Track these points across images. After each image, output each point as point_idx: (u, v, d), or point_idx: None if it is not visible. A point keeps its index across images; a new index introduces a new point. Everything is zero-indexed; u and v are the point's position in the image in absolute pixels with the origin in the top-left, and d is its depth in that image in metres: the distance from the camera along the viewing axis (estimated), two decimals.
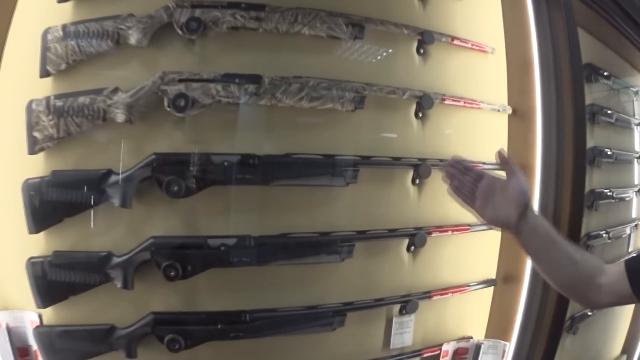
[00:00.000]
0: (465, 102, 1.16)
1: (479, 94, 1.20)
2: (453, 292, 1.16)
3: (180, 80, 0.91)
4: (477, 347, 1.19)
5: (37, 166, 0.91)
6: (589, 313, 1.58)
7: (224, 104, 0.94)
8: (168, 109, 0.91)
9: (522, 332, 1.24)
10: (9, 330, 0.91)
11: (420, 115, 1.12)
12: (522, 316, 1.24)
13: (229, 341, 0.94)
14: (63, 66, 0.90)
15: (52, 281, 0.88)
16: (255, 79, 0.95)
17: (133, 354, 0.90)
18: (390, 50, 1.10)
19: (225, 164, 0.92)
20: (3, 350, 0.91)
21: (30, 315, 0.91)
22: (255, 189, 0.96)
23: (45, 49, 0.89)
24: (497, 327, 1.27)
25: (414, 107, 1.11)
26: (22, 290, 0.89)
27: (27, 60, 0.91)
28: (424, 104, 1.11)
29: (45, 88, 0.91)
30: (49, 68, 0.90)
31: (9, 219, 0.91)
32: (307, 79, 0.99)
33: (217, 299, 0.95)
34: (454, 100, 1.15)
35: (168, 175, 0.90)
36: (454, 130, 1.19)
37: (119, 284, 0.89)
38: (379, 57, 1.10)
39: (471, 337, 1.23)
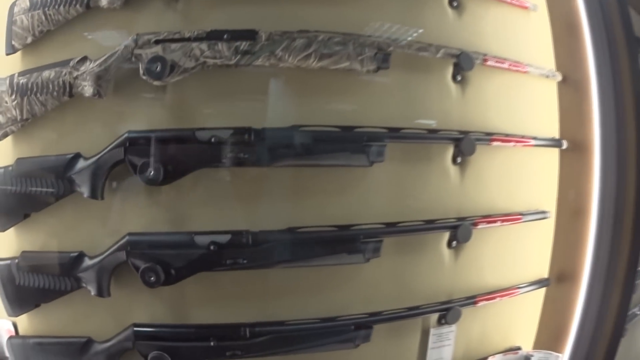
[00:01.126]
0: (510, 65, 0.97)
1: (524, 56, 1.01)
2: (501, 296, 0.97)
3: (157, 42, 0.76)
4: None
5: (6, 154, 0.82)
6: (638, 312, 1.41)
7: (211, 67, 0.78)
8: (144, 76, 0.76)
9: (577, 341, 1.07)
10: None
11: (459, 78, 0.91)
12: (578, 322, 1.07)
13: None
14: (29, 39, 0.80)
15: (20, 286, 0.78)
16: (249, 35, 0.77)
17: None
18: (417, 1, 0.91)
19: (213, 140, 0.75)
20: None
21: (5, 324, 0.83)
22: (253, 172, 0.79)
23: (10, 22, 0.80)
24: (549, 336, 1.09)
25: (450, 68, 0.91)
26: None
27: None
28: (463, 64, 0.90)
29: (15, 66, 0.81)
30: (14, 43, 0.80)
31: None
32: (316, 33, 0.80)
33: (211, 310, 0.80)
34: (497, 62, 0.95)
35: (143, 158, 0.75)
36: (499, 97, 0.98)
37: (92, 291, 0.77)
38: (404, 9, 0.90)
39: (519, 348, 1.05)
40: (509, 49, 0.99)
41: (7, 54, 0.81)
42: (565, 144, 1.06)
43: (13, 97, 0.79)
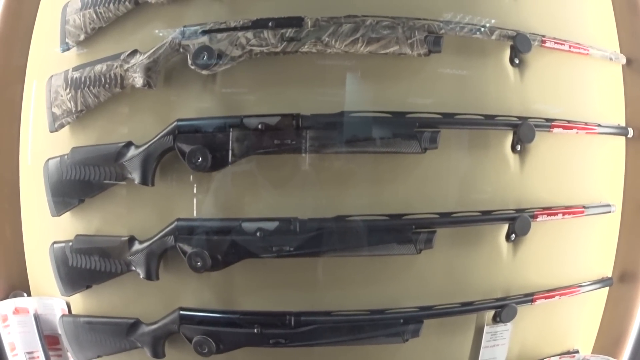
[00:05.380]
0: (570, 46, 0.90)
1: (585, 38, 0.94)
2: (561, 295, 0.90)
3: (204, 32, 0.77)
4: None
5: (62, 144, 0.85)
6: None
7: (259, 55, 0.77)
8: (192, 66, 0.77)
9: (636, 348, 1.01)
10: (38, 318, 0.89)
11: (517, 61, 0.86)
12: (639, 326, 1.01)
13: (272, 349, 0.77)
14: (82, 36, 0.84)
15: (73, 267, 0.81)
16: (295, 22, 0.77)
17: (159, 354, 0.79)
18: None
19: (261, 127, 0.75)
20: (31, 338, 0.89)
21: (60, 303, 0.87)
22: (300, 159, 0.78)
23: (64, 22, 0.85)
24: (609, 339, 1.02)
25: (507, 51, 0.86)
26: (52, 277, 0.84)
27: (54, 35, 0.87)
28: (520, 46, 0.85)
29: (70, 63, 0.85)
30: (68, 41, 0.85)
31: (41, 201, 0.86)
32: (364, 17, 0.78)
33: (258, 297, 0.79)
34: (556, 43, 0.88)
35: (191, 145, 0.75)
36: (561, 82, 0.92)
37: (141, 274, 0.78)
38: None
39: (577, 351, 0.98)
40: (568, 30, 0.92)
41: (62, 52, 0.85)
42: (631, 132, 0.98)
43: (68, 90, 0.82)
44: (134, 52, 0.80)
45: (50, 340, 0.90)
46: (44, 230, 0.88)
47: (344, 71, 0.80)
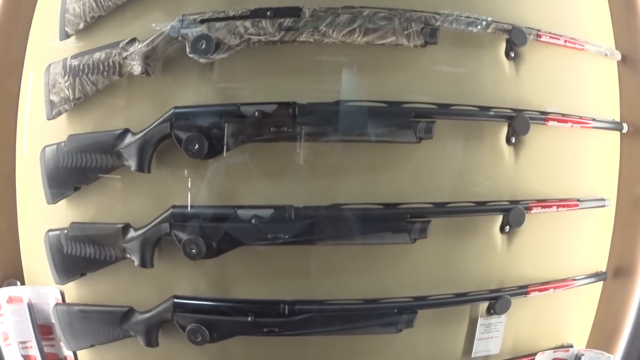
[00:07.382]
0: (566, 41, 0.91)
1: (580, 33, 0.94)
2: (555, 288, 0.91)
3: (202, 21, 0.78)
4: (577, 359, 0.96)
5: (60, 131, 0.85)
6: None
7: (256, 44, 0.78)
8: (190, 54, 0.78)
9: (630, 343, 1.00)
10: (32, 307, 0.88)
11: (512, 55, 0.87)
12: (633, 321, 1.00)
13: (265, 338, 0.77)
14: (81, 25, 0.84)
15: (68, 255, 0.81)
16: (293, 12, 0.77)
17: (153, 342, 0.79)
18: None
19: (257, 114, 0.75)
20: (23, 327, 0.88)
21: (54, 292, 0.87)
22: (296, 148, 0.78)
23: (64, 11, 0.85)
24: (603, 334, 1.02)
25: (503, 45, 0.87)
26: (47, 265, 0.84)
27: (53, 27, 0.87)
28: (515, 39, 0.85)
29: (69, 54, 0.85)
30: (67, 30, 0.85)
31: (37, 190, 0.86)
32: (361, 8, 0.78)
33: (252, 286, 0.79)
34: (551, 38, 0.89)
35: (188, 132, 0.76)
36: (556, 76, 0.92)
37: (136, 261, 0.78)
38: None
39: (571, 346, 0.98)
40: (564, 25, 0.93)
41: (61, 40, 0.85)
42: (626, 128, 0.98)
43: (66, 78, 0.82)
44: (133, 40, 0.80)
45: (43, 330, 0.89)
46: (39, 218, 0.88)
47: (341, 62, 0.81)
